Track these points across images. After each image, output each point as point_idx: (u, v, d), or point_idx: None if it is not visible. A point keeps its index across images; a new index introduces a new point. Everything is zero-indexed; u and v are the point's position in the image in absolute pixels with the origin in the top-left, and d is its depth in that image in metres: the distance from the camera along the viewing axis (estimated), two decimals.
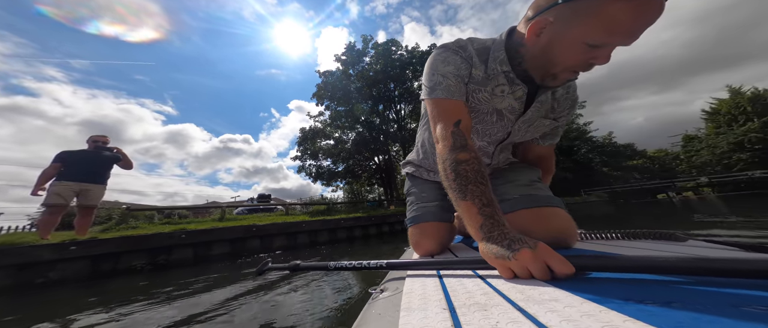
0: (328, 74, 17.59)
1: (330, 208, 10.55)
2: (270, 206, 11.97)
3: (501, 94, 0.61)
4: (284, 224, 5.91)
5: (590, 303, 0.26)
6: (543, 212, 0.62)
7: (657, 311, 0.23)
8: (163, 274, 3.47)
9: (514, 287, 0.33)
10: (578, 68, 0.49)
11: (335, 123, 17.31)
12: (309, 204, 11.09)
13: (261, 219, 6.97)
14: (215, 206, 8.92)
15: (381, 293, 0.43)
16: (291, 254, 4.70)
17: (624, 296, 0.28)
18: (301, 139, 17.18)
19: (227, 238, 4.84)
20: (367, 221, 7.62)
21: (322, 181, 17.17)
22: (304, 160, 17.29)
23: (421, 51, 17.79)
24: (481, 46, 0.60)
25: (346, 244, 6.06)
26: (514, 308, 0.27)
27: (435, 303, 0.31)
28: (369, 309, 0.37)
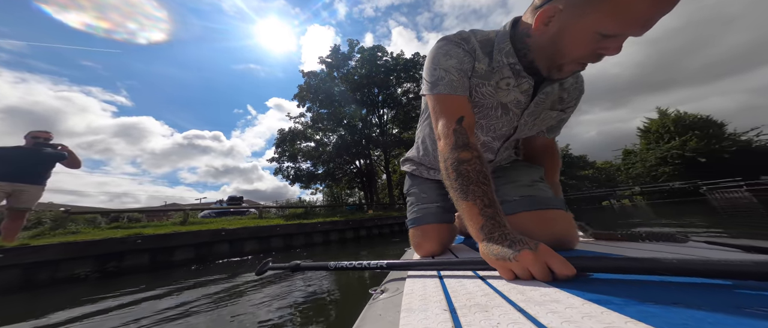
0: (311, 75, 17.32)
1: (307, 211, 10.30)
2: (241, 209, 11.29)
3: (506, 88, 0.58)
4: (257, 227, 5.71)
5: (591, 304, 0.26)
6: (544, 214, 0.61)
7: (659, 313, 0.23)
8: (114, 281, 3.16)
9: (514, 288, 0.33)
10: (587, 59, 0.46)
11: (317, 125, 17.03)
12: (285, 207, 10.69)
13: (231, 223, 6.61)
14: (177, 208, 8.20)
15: (381, 294, 0.43)
16: (263, 258, 4.55)
17: (625, 297, 0.27)
18: (279, 141, 16.60)
19: (191, 242, 4.55)
20: (344, 225, 7.63)
21: (300, 183, 16.69)
22: (282, 162, 16.69)
23: (405, 58, 18.37)
24: (484, 38, 0.57)
25: (322, 247, 6.02)
26: (515, 309, 0.27)
27: (435, 304, 0.31)
28: (369, 310, 0.37)
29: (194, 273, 3.44)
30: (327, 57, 17.95)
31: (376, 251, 5.23)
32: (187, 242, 4.48)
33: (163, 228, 5.22)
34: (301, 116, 17.44)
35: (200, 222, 7.04)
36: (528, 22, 0.50)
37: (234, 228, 5.32)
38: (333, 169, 17.15)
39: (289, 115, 17.71)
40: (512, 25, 0.55)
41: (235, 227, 5.53)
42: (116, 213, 7.95)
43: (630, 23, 0.38)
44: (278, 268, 0.63)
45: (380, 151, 18.83)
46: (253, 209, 11.32)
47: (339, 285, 2.43)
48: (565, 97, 0.64)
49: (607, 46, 0.42)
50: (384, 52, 18.11)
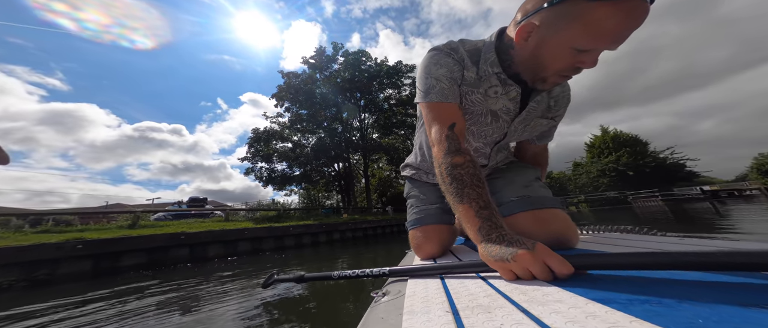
0: (292, 76, 16.84)
1: (280, 214, 9.92)
2: (205, 211, 10.41)
3: (494, 96, 0.59)
4: (221, 231, 5.42)
5: (595, 304, 0.26)
6: (541, 214, 0.62)
7: (663, 311, 0.23)
8: (44, 291, 2.81)
9: (517, 289, 0.33)
10: (567, 72, 0.48)
11: (295, 126, 16.52)
12: (256, 209, 10.15)
13: (191, 226, 6.15)
14: (122, 211, 7.28)
15: (383, 297, 0.43)
16: (229, 264, 4.35)
17: (629, 295, 0.27)
18: (253, 140, 15.69)
19: (143, 247, 4.18)
20: (317, 229, 7.57)
21: (274, 185, 15.92)
22: (255, 163, 15.79)
23: (388, 65, 18.75)
24: (472, 48, 0.59)
25: (293, 251, 5.91)
26: (518, 310, 0.27)
27: (438, 306, 0.31)
28: (371, 313, 0.37)
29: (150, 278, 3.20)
30: (310, 58, 17.68)
31: (349, 252, 5.32)
32: (137, 247, 4.11)
33: (107, 232, 4.69)
34: (278, 116, 16.85)
35: (154, 225, 6.41)
36: (511, 36, 0.52)
37: (196, 232, 5.00)
38: (310, 171, 16.73)
39: (266, 114, 16.97)
40: (498, 35, 0.57)
41: (197, 230, 5.20)
42: (38, 215, 6.72)
43: (601, 39, 0.41)
44: (284, 280, 0.65)
45: (360, 155, 18.85)
46: (218, 212, 10.54)
47: (340, 288, 2.47)
48: (552, 106, 0.65)
49: (583, 60, 0.45)
50: (368, 57, 18.36)
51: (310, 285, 2.56)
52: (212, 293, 2.51)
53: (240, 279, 3.02)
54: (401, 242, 7.97)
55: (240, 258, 4.88)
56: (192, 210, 10.02)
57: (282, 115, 16.88)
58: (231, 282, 2.89)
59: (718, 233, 3.68)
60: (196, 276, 3.25)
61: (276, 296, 2.32)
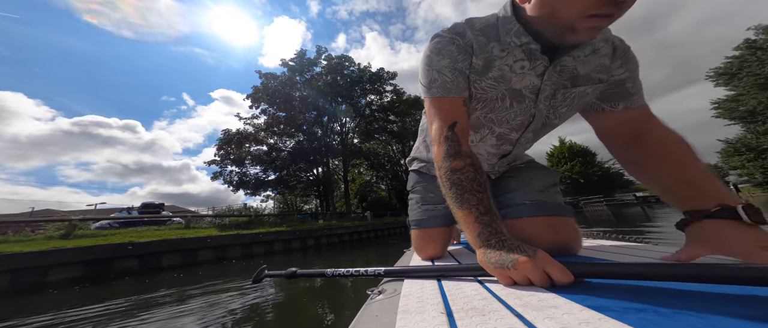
0: (270, 77, 16.23)
1: (252, 220, 9.30)
2: (161, 218, 9.35)
3: (521, 71, 0.51)
4: (180, 239, 4.95)
5: (589, 311, 0.26)
6: (549, 220, 0.61)
7: (658, 321, 0.23)
8: None
9: (512, 293, 0.33)
10: (595, 9, 0.37)
11: (272, 129, 15.81)
12: (223, 216, 9.39)
13: (142, 235, 5.51)
14: (52, 219, 6.22)
15: (378, 295, 0.43)
16: (187, 273, 3.98)
17: (624, 303, 0.27)
18: (223, 142, 14.64)
19: (79, 260, 3.66)
20: (290, 235, 7.29)
21: (246, 190, 14.90)
22: (225, 166, 14.70)
23: (371, 71, 18.91)
24: (485, 25, 0.53)
25: (263, 258, 5.60)
26: (512, 314, 0.27)
27: (432, 307, 0.31)
28: (366, 311, 0.37)
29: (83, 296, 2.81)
30: (291, 60, 17.27)
31: (323, 257, 5.20)
32: (70, 259, 3.59)
33: (31, 244, 4.01)
34: (253, 118, 16.03)
35: (95, 235, 5.61)
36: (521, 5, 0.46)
37: (147, 241, 4.51)
38: (286, 176, 16.04)
39: (239, 115, 16.04)
40: (512, 5, 0.49)
41: (149, 239, 4.69)
42: None
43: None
44: (274, 275, 0.63)
45: (340, 160, 18.58)
46: (177, 218, 9.56)
47: (336, 284, 2.44)
48: (592, 70, 0.51)
49: None
50: (351, 62, 18.44)
51: (304, 281, 2.53)
52: (171, 300, 2.29)
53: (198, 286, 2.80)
54: (379, 246, 7.97)
55: (200, 268, 4.49)
56: (144, 217, 8.94)
57: (257, 117, 16.11)
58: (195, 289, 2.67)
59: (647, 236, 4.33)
60: (147, 288, 2.94)
61: (266, 289, 2.23)
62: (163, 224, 8.84)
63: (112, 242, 4.20)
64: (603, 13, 0.37)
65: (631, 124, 0.55)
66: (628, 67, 0.53)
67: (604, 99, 0.55)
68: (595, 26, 0.39)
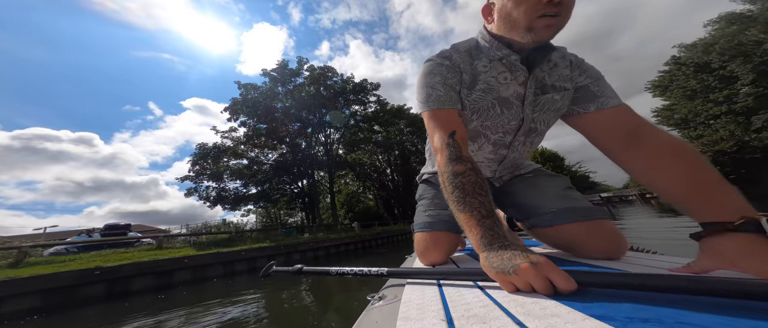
0: (250, 88, 15.91)
1: (232, 237, 8.84)
2: (128, 240, 8.55)
3: (505, 82, 0.59)
4: (152, 262, 4.66)
5: (592, 320, 0.25)
6: (590, 225, 0.58)
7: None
8: None
9: (514, 300, 0.33)
10: (539, 9, 0.47)
11: (252, 142, 15.27)
12: (200, 233, 8.84)
13: (108, 258, 5.09)
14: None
15: (379, 301, 0.43)
16: (165, 295, 3.76)
17: (628, 314, 0.26)
18: (199, 157, 13.87)
19: (39, 288, 3.35)
20: (274, 251, 7.08)
21: (224, 205, 14.11)
22: (200, 182, 13.84)
23: (355, 82, 19.24)
24: (467, 47, 0.62)
25: (246, 276, 5.40)
26: (514, 322, 0.26)
27: (433, 314, 0.31)
28: (366, 316, 0.37)
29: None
30: (272, 70, 17.09)
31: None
32: (27, 289, 3.27)
33: None
34: (231, 131, 15.47)
35: (50, 261, 5.06)
36: (485, 27, 0.60)
37: (116, 265, 4.21)
38: (269, 189, 15.49)
39: (216, 129, 15.38)
40: (484, 27, 0.61)
41: (119, 262, 4.38)
42: None
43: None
44: (282, 271, 0.65)
45: (325, 171, 18.36)
46: (147, 239, 8.82)
47: (337, 287, 2.46)
48: (547, 81, 0.60)
49: None
50: (334, 72, 18.64)
51: (307, 284, 2.59)
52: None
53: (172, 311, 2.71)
54: (367, 256, 7.97)
55: (176, 290, 4.26)
56: (108, 240, 8.14)
57: (236, 130, 15.59)
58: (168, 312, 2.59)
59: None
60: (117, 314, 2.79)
61: (272, 291, 2.19)
62: (130, 246, 8.12)
63: (77, 268, 3.88)
64: (550, 13, 0.47)
65: (618, 125, 0.56)
66: (588, 74, 0.61)
67: (576, 102, 0.61)
68: (548, 24, 0.48)
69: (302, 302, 2.51)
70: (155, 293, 4.13)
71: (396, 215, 23.38)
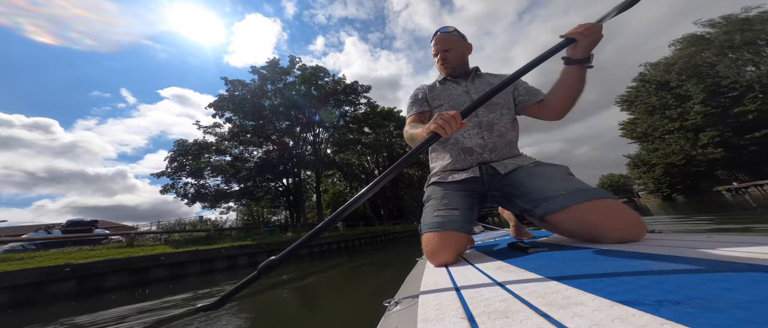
0: (238, 84, 15.50)
1: (211, 235, 8.65)
2: (95, 237, 8.07)
3: (453, 89, 0.95)
4: (126, 259, 4.58)
5: (620, 306, 0.24)
6: (602, 204, 0.59)
7: (696, 313, 0.21)
8: None
9: (533, 292, 0.32)
10: (439, 62, 0.97)
11: (237, 138, 14.85)
12: (173, 231, 8.54)
13: (73, 255, 4.88)
14: None
15: (396, 306, 0.43)
16: (135, 293, 3.75)
17: (656, 297, 0.25)
18: (177, 153, 13.29)
19: (4, 285, 3.24)
20: (256, 249, 7.10)
21: (203, 202, 13.62)
22: (178, 178, 13.23)
23: (346, 83, 19.20)
24: (434, 82, 1.04)
25: (226, 273, 5.41)
26: (538, 314, 0.26)
27: (452, 313, 0.31)
28: (385, 323, 0.37)
29: None
30: (262, 68, 16.75)
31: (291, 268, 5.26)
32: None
33: None
34: (215, 126, 15.02)
35: (5, 259, 4.74)
36: None
37: (90, 261, 4.11)
38: (252, 187, 15.14)
39: (199, 123, 14.87)
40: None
41: (92, 259, 4.27)
42: None
43: (434, 47, 0.97)
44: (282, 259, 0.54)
45: (312, 170, 18.20)
46: (116, 237, 8.39)
47: (350, 296, 2.46)
48: (473, 89, 0.92)
49: (436, 54, 0.98)
50: (326, 73, 18.57)
51: (314, 295, 2.62)
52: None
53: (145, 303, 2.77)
54: (350, 255, 8.14)
55: (151, 287, 4.24)
56: (72, 237, 7.64)
57: (220, 126, 15.10)
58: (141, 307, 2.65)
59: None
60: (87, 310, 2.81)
61: (285, 294, 2.23)
62: (97, 244, 7.69)
63: (44, 265, 3.76)
64: (438, 61, 0.97)
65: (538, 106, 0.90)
66: (515, 84, 0.92)
67: (520, 104, 0.92)
68: (441, 64, 0.97)
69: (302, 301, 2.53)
70: (130, 289, 4.09)
71: (382, 216, 23.68)
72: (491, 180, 0.81)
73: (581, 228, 0.62)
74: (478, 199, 0.85)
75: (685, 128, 25.37)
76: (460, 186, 0.84)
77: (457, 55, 0.93)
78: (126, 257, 4.71)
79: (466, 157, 0.86)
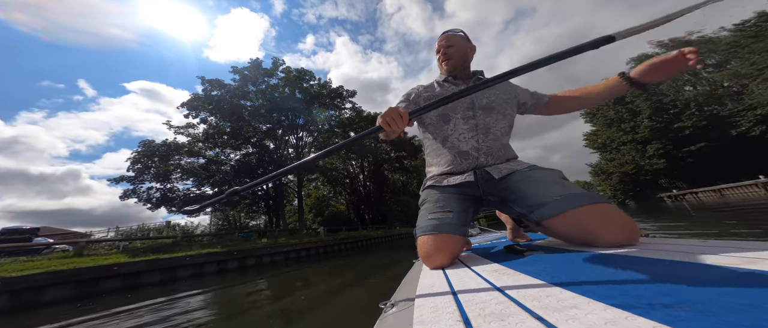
0: (216, 84, 14.81)
1: (177, 242, 8.05)
2: (35, 247, 7.15)
3: (451, 90, 0.93)
4: (73, 270, 4.16)
5: (614, 309, 0.25)
6: (597, 209, 0.59)
7: (688, 316, 0.22)
8: None
9: (529, 295, 0.33)
10: (440, 58, 0.94)
11: (212, 140, 14.13)
12: (133, 239, 7.83)
13: (5, 268, 4.37)
14: None
15: (392, 308, 0.43)
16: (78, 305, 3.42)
17: (649, 301, 0.26)
18: (142, 154, 12.30)
19: None
20: (226, 256, 6.77)
21: (170, 206, 12.64)
22: (141, 182, 12.22)
23: (331, 87, 19.07)
24: (431, 82, 1.01)
25: (191, 281, 5.10)
26: (533, 317, 0.26)
27: (448, 315, 0.31)
28: (381, 325, 0.37)
29: None
30: (244, 69, 16.17)
31: (266, 273, 5.09)
32: None
33: None
34: (188, 126, 14.19)
35: None
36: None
37: (23, 275, 3.69)
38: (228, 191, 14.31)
39: (170, 123, 13.93)
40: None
41: (29, 272, 3.83)
42: None
43: (438, 45, 0.95)
44: (247, 188, 0.66)
45: (294, 175, 17.72)
46: (61, 246, 7.52)
47: (346, 297, 2.43)
48: (476, 99, 0.87)
49: (438, 51, 0.96)
50: (312, 76, 18.38)
51: (311, 295, 2.56)
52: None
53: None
54: (329, 259, 8.00)
55: (103, 299, 3.89)
56: (6, 247, 6.70)
57: (193, 126, 14.25)
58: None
59: None
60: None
61: (278, 298, 2.22)
62: (37, 254, 6.84)
63: None
64: (440, 57, 0.94)
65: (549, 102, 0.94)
66: (515, 91, 0.94)
67: (526, 109, 0.96)
68: (443, 60, 0.93)
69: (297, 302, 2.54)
70: (74, 302, 3.72)
71: (366, 221, 23.55)
72: (486, 185, 0.81)
73: (577, 232, 0.62)
74: (473, 202, 0.84)
75: (636, 140, 28.56)
76: (455, 190, 0.84)
77: (460, 52, 0.92)
78: (71, 267, 4.27)
79: (462, 161, 0.85)
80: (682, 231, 3.97)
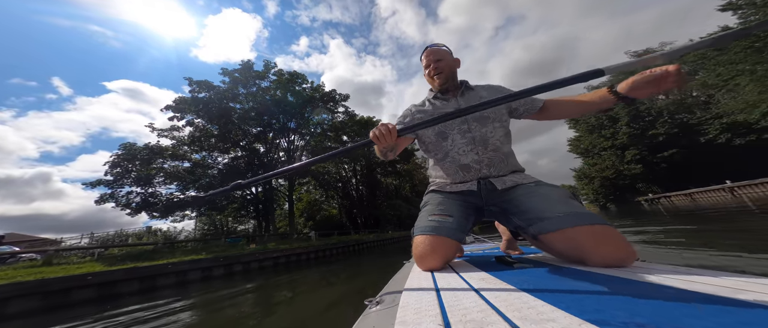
0: (204, 86, 14.41)
1: (158, 249, 7.65)
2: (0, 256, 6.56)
3: (441, 106, 0.94)
4: (40, 281, 3.88)
5: (588, 325, 0.26)
6: (596, 230, 0.59)
7: None
8: None
9: (511, 305, 0.34)
10: (429, 73, 0.95)
11: (199, 143, 13.69)
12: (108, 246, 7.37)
13: None
14: None
15: (376, 305, 0.43)
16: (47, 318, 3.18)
17: (625, 318, 0.27)
18: (122, 157, 11.70)
19: None
20: (211, 263, 6.52)
21: (151, 212, 12.06)
22: (119, 187, 11.59)
23: (324, 91, 18.88)
24: (422, 100, 1.04)
25: (173, 290, 4.85)
26: (511, 327, 0.27)
27: (430, 318, 0.31)
28: (363, 321, 0.38)
29: None
30: (234, 71, 15.84)
31: (253, 280, 4.93)
32: None
33: None
34: (173, 129, 13.69)
35: None
36: None
37: None
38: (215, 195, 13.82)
39: (153, 126, 13.36)
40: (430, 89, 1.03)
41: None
42: None
43: (424, 61, 0.96)
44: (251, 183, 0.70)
45: (284, 178, 17.35)
46: (28, 255, 6.98)
47: (334, 292, 2.44)
48: (475, 99, 0.90)
49: (427, 67, 0.96)
50: (304, 80, 18.16)
51: (299, 290, 2.52)
52: None
53: None
54: (320, 265, 7.83)
55: (74, 310, 3.64)
56: None
57: (179, 129, 13.76)
58: None
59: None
60: None
61: (267, 294, 2.21)
62: (2, 263, 6.31)
63: None
64: (430, 72, 0.94)
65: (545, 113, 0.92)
66: (498, 92, 0.94)
67: (519, 114, 0.95)
68: (434, 75, 0.93)
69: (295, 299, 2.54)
70: (42, 315, 3.46)
71: (359, 225, 23.32)
72: (489, 195, 0.82)
73: (571, 249, 0.62)
74: (474, 211, 0.85)
75: (615, 146, 30.12)
76: (458, 196, 0.86)
77: (449, 65, 0.94)
78: (38, 278, 3.98)
79: (464, 174, 0.86)
80: (683, 248, 4.14)
